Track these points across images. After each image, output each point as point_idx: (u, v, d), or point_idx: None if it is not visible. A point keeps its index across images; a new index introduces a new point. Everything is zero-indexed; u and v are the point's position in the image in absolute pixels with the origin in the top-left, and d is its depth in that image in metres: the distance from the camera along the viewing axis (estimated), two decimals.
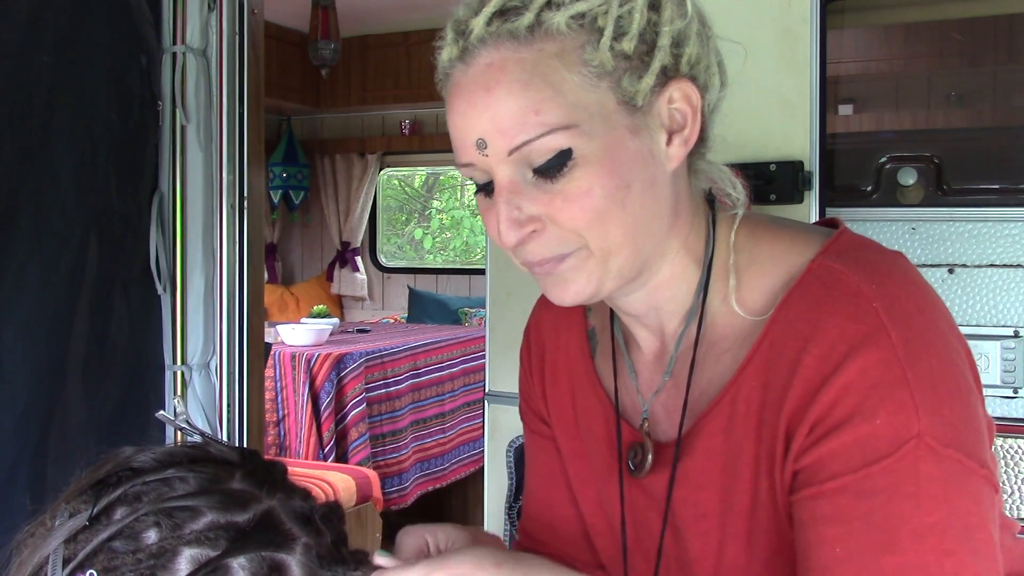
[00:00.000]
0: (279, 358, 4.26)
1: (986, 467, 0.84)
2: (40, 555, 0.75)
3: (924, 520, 0.80)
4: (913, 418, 0.81)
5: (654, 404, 1.01)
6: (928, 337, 0.85)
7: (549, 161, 0.85)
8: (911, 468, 0.81)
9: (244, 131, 2.63)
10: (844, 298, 0.86)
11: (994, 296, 1.92)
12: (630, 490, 1.03)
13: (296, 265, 7.21)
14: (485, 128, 0.86)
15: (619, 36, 0.85)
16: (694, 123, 0.92)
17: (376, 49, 6.10)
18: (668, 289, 0.97)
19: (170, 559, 0.73)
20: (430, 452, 4.56)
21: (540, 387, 1.16)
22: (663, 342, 1.01)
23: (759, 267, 0.95)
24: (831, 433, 0.83)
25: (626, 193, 0.87)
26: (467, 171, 0.91)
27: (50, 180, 2.24)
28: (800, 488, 0.86)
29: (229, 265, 2.62)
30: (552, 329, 1.15)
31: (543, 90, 0.84)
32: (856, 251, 0.92)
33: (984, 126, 2.23)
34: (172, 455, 0.80)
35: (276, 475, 0.82)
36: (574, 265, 0.89)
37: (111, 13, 2.39)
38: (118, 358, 2.46)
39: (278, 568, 0.76)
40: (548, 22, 0.84)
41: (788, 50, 1.86)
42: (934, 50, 2.26)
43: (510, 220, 0.88)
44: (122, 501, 0.76)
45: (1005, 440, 1.90)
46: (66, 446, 2.23)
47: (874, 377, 0.82)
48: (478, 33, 0.86)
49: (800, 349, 0.86)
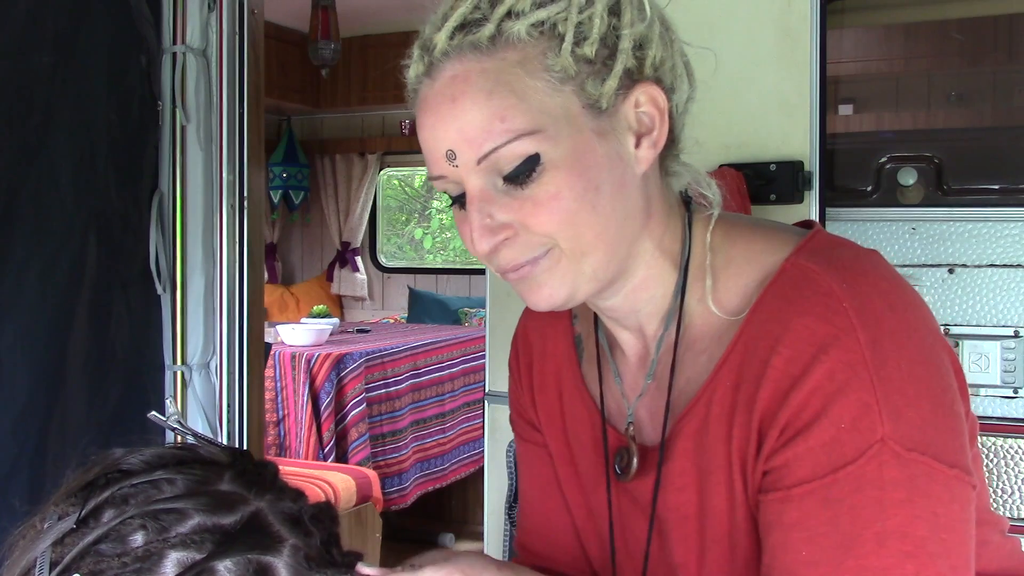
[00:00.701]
0: (279, 358, 4.26)
1: (957, 467, 0.84)
2: (28, 557, 0.75)
3: (886, 524, 0.81)
4: (877, 422, 0.82)
5: (638, 407, 1.02)
6: (899, 338, 0.85)
7: (518, 168, 0.86)
8: (875, 473, 0.81)
9: (244, 131, 2.63)
10: (815, 297, 0.86)
11: (994, 296, 1.92)
12: (617, 495, 1.04)
13: (296, 265, 7.21)
14: (453, 139, 0.87)
15: (580, 41, 0.87)
16: (662, 125, 0.92)
17: (376, 49, 6.10)
18: (645, 291, 0.97)
19: (156, 562, 0.73)
20: (430, 452, 4.56)
21: (530, 395, 1.16)
22: (645, 345, 1.01)
23: (735, 267, 0.95)
24: (799, 435, 0.84)
25: (595, 195, 0.88)
26: (440, 184, 0.92)
27: (49, 180, 2.24)
28: (768, 490, 0.87)
29: (229, 265, 2.62)
30: (539, 337, 1.16)
31: (507, 98, 0.85)
32: (830, 250, 0.92)
33: (984, 126, 2.23)
34: (160, 457, 0.80)
35: (266, 476, 0.82)
36: (547, 267, 0.90)
37: (110, 13, 2.39)
38: (118, 358, 2.46)
39: (264, 571, 0.75)
40: (509, 32, 0.86)
41: (788, 50, 1.86)
42: (934, 50, 2.26)
43: (482, 228, 0.89)
44: (110, 503, 0.76)
45: (1005, 440, 1.90)
46: (65, 447, 2.23)
47: (840, 380, 0.83)
48: (441, 47, 0.87)
49: (770, 349, 0.87)
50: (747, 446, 0.89)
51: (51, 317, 2.25)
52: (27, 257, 2.18)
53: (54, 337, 2.26)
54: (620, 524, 1.04)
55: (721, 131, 1.90)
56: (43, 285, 2.22)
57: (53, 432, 2.23)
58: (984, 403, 1.92)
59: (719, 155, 1.89)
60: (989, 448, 1.91)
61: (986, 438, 1.91)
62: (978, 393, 1.93)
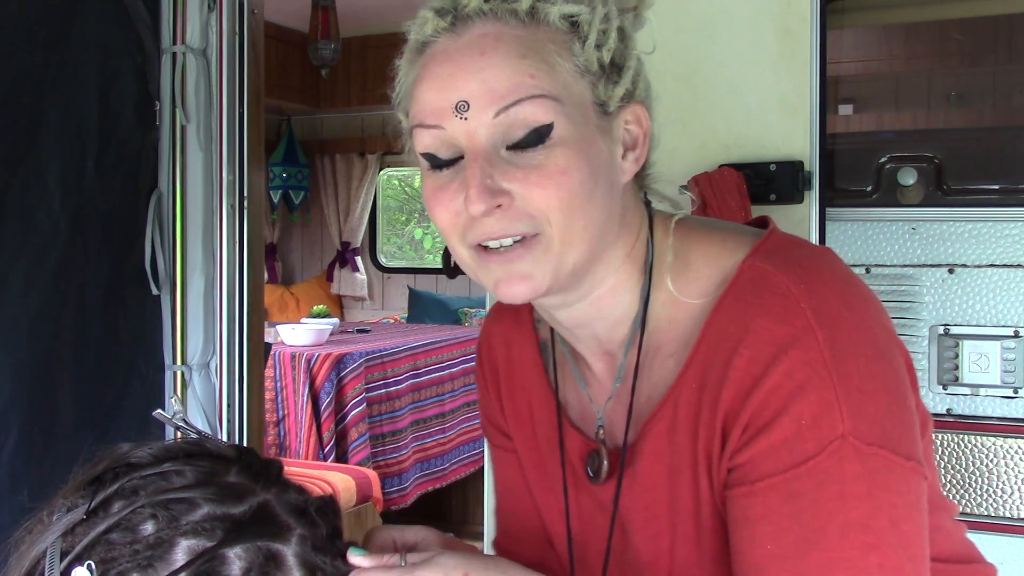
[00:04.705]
0: (279, 358, 4.26)
1: (913, 459, 0.87)
2: (37, 549, 0.76)
3: (848, 517, 0.84)
4: (838, 419, 0.84)
5: (608, 411, 1.03)
6: (856, 336, 0.87)
7: (528, 134, 0.87)
8: (836, 468, 0.84)
9: (244, 131, 2.63)
10: (773, 299, 0.88)
11: (994, 296, 1.92)
12: (583, 497, 1.05)
13: (296, 265, 7.21)
14: (473, 89, 0.87)
15: (599, 46, 0.91)
16: (644, 144, 0.96)
17: (376, 49, 6.10)
18: (612, 298, 0.98)
19: (167, 550, 0.74)
20: (430, 452, 4.56)
21: (498, 402, 1.17)
22: (608, 352, 1.02)
23: (694, 271, 0.97)
24: (761, 433, 0.86)
25: (593, 185, 0.89)
26: (429, 139, 0.90)
27: (36, 179, 2.24)
28: (733, 486, 0.89)
29: (229, 265, 2.62)
30: (504, 344, 1.16)
31: (538, 64, 0.88)
32: (785, 250, 0.94)
33: (984, 126, 2.23)
34: (168, 450, 0.81)
35: (272, 471, 0.83)
36: (534, 258, 0.90)
37: (103, 14, 2.39)
38: (117, 358, 2.46)
39: (274, 558, 0.76)
40: (543, 12, 0.90)
41: (788, 50, 1.86)
42: (934, 50, 2.26)
43: (481, 187, 0.87)
44: (119, 495, 0.77)
45: (1005, 440, 1.90)
46: (55, 445, 2.23)
47: (800, 379, 0.85)
48: (475, 6, 0.89)
49: (731, 351, 0.89)
50: (712, 445, 0.91)
51: (35, 315, 2.24)
52: (12, 256, 2.18)
53: (39, 335, 2.26)
54: (588, 524, 1.06)
55: (721, 131, 1.90)
56: (27, 284, 2.22)
57: (37, 430, 2.22)
58: (984, 403, 1.92)
59: (719, 155, 1.89)
60: (989, 448, 1.91)
61: (986, 438, 1.91)
62: (978, 393, 1.93)
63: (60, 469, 0.82)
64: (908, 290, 1.96)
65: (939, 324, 1.95)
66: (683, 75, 1.88)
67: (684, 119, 1.89)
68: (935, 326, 1.95)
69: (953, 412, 1.93)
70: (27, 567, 0.76)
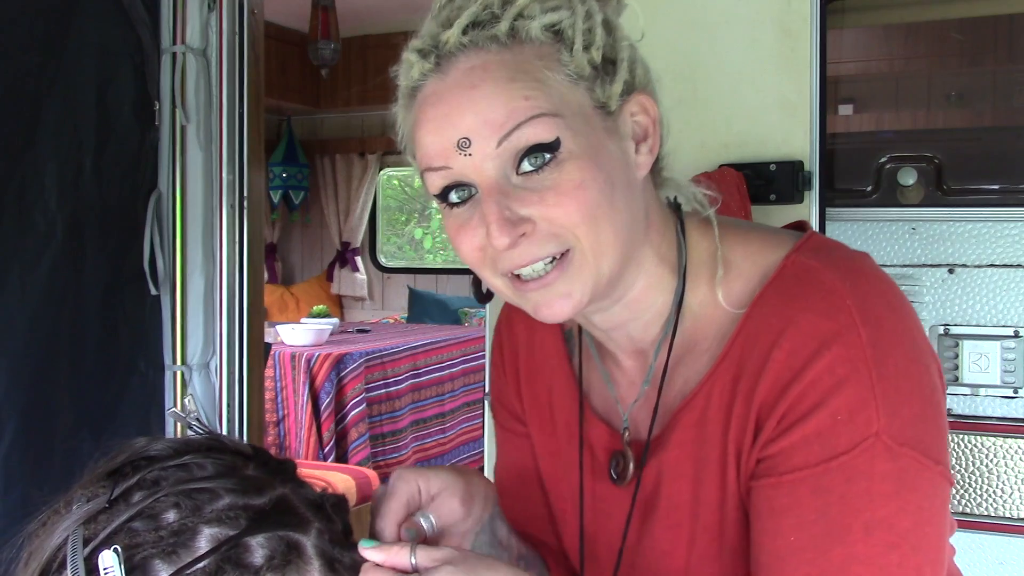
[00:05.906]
0: (279, 358, 4.26)
1: (942, 464, 0.87)
2: (56, 538, 0.77)
3: (875, 515, 0.84)
4: (873, 417, 0.84)
5: (635, 412, 1.03)
6: (897, 337, 0.88)
7: (536, 154, 0.86)
8: (867, 465, 0.84)
9: (244, 131, 2.63)
10: (818, 294, 0.89)
11: (994, 296, 1.92)
12: (600, 486, 1.05)
13: (296, 265, 7.21)
14: (470, 124, 0.86)
15: (587, 47, 0.89)
16: (655, 132, 0.95)
17: (376, 49, 6.10)
18: (645, 299, 0.98)
19: (190, 537, 0.75)
20: (430, 452, 4.56)
21: (515, 385, 1.17)
22: (640, 351, 1.02)
23: (734, 267, 0.97)
24: (796, 425, 0.86)
25: (612, 191, 0.88)
26: (441, 178, 0.89)
27: (33, 179, 2.24)
28: (760, 476, 0.89)
29: (229, 265, 2.62)
30: (526, 327, 1.16)
31: (529, 83, 0.86)
32: (828, 250, 0.95)
33: (984, 126, 2.23)
34: (188, 444, 0.83)
35: (287, 468, 0.85)
36: (570, 276, 0.89)
37: (101, 14, 2.39)
38: (116, 358, 2.46)
39: (295, 547, 0.78)
40: (523, 30, 0.88)
41: (788, 50, 1.86)
42: (934, 50, 2.26)
43: (502, 220, 0.86)
44: (140, 486, 0.78)
45: (1005, 440, 1.90)
46: (53, 444, 2.22)
47: (840, 375, 0.85)
48: (455, 42, 0.88)
49: (772, 343, 0.89)
50: (743, 436, 0.91)
51: (33, 315, 2.24)
52: (9, 255, 2.18)
53: (36, 335, 2.25)
54: (602, 514, 1.06)
55: (721, 131, 1.90)
56: (24, 284, 2.21)
57: (34, 430, 2.21)
58: (984, 403, 1.92)
59: (719, 155, 1.89)
60: (989, 448, 1.91)
61: (986, 438, 1.91)
62: (978, 393, 1.93)
63: (59, 469, 0.82)
64: (908, 290, 1.96)
65: (939, 324, 1.95)
66: (683, 75, 1.88)
67: (684, 119, 1.89)
68: (935, 326, 1.95)
69: (953, 412, 1.93)
70: (47, 555, 0.77)
